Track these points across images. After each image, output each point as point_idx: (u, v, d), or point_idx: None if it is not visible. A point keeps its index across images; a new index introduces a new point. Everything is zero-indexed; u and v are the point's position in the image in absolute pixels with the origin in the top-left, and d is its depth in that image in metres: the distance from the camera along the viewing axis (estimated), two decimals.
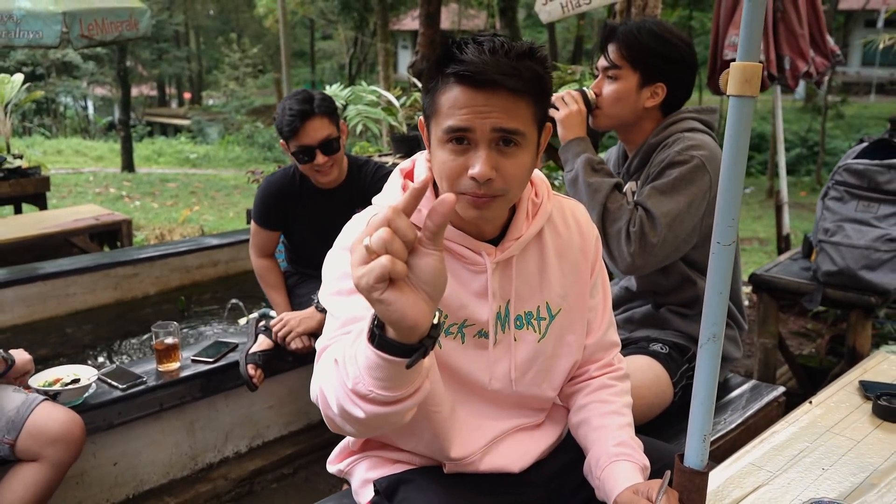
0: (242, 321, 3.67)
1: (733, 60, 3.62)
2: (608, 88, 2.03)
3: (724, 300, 1.23)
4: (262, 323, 2.71)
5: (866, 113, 20.68)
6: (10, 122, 6.18)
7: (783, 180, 4.59)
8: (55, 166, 15.02)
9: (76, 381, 2.35)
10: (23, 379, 2.29)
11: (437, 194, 1.39)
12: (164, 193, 12.25)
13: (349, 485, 1.67)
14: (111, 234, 5.29)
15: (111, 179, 13.93)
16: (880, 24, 18.79)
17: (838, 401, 1.78)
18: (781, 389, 2.24)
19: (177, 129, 25.12)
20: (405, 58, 28.40)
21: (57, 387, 2.31)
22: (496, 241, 1.40)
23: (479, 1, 20.62)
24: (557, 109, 2.08)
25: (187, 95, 30.74)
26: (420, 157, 1.48)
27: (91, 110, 28.18)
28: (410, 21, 23.73)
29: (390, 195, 1.43)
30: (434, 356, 1.37)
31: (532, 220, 1.43)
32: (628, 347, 2.08)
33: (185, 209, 9.95)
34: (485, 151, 1.22)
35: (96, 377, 2.41)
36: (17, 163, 5.84)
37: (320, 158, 2.62)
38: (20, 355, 2.25)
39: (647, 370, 1.97)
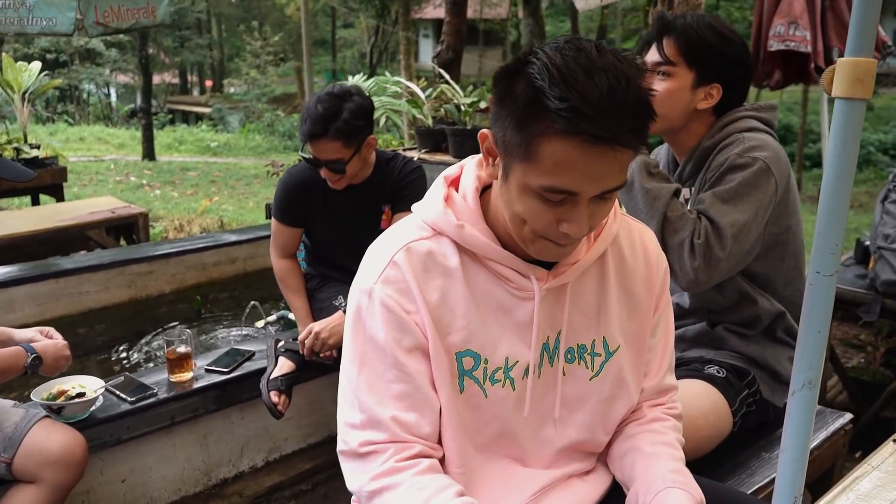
0: (260, 324, 3.52)
1: (778, 52, 3.39)
2: (659, 86, 1.81)
3: (823, 340, 1.04)
4: (282, 345, 2.54)
5: (895, 105, 20.21)
6: (27, 111, 6.06)
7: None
8: (77, 154, 15.02)
9: (82, 393, 2.20)
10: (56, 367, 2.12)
11: (490, 226, 1.22)
12: (185, 182, 12.17)
13: None
14: (127, 227, 5.17)
15: (132, 167, 13.87)
16: None
17: None
18: (848, 416, 2.04)
19: (198, 117, 25.10)
20: (426, 46, 28.17)
21: (61, 400, 2.16)
22: (549, 262, 1.21)
23: None
24: None
25: (209, 83, 30.71)
26: (469, 166, 1.28)
27: (114, 98, 28.26)
28: (432, 9, 23.49)
29: (430, 208, 1.24)
30: (471, 403, 1.22)
31: (594, 242, 1.24)
32: (680, 369, 1.87)
33: (205, 199, 9.84)
34: (585, 210, 1.07)
35: (103, 389, 2.26)
36: (34, 153, 5.74)
37: (325, 173, 2.51)
38: (55, 356, 2.09)
39: (703, 397, 1.78)
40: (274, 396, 2.40)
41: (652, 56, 1.84)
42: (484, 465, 1.26)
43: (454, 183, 1.28)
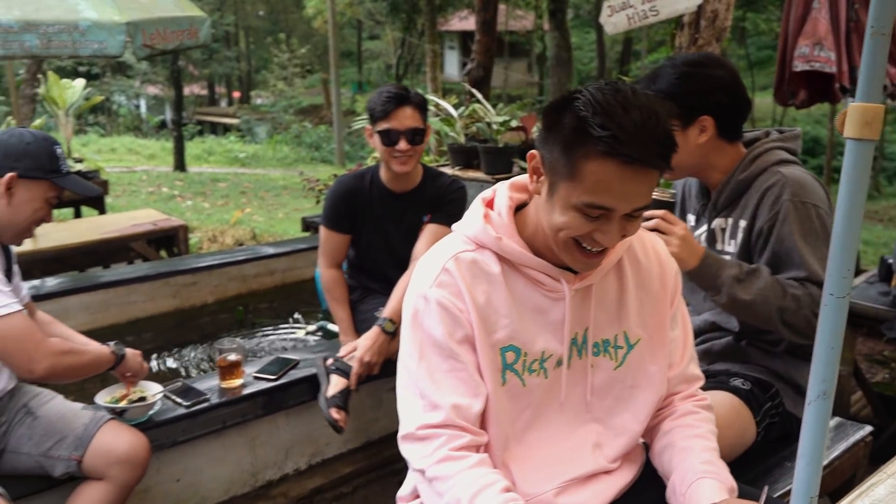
0: (301, 334, 3.67)
1: (803, 72, 3.47)
2: None
3: (836, 356, 1.16)
4: (330, 363, 2.66)
5: None
6: (71, 126, 6.29)
7: None
8: (109, 164, 15.32)
9: (143, 398, 2.35)
10: (132, 379, 2.32)
11: (524, 238, 1.39)
12: (215, 193, 12.40)
13: None
14: (168, 239, 5.35)
15: (164, 178, 14.15)
16: None
17: None
18: (868, 429, 2.14)
19: (226, 128, 25.46)
20: (452, 58, 28.37)
21: (123, 403, 2.31)
22: None
23: (527, 2, 20.50)
24: (662, 233, 1.81)
25: (236, 94, 31.16)
26: (502, 188, 1.47)
27: (143, 109, 28.74)
28: (458, 22, 23.70)
29: (471, 225, 1.43)
30: (511, 393, 1.39)
31: (613, 249, 1.41)
32: (706, 381, 1.98)
33: (237, 210, 10.05)
34: (618, 225, 1.26)
35: (162, 394, 2.41)
36: (78, 166, 5.94)
37: (403, 145, 2.64)
38: (133, 356, 2.28)
39: (728, 407, 1.89)
40: (335, 413, 2.53)
41: None
42: (520, 450, 1.42)
43: (489, 203, 1.46)
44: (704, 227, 2.07)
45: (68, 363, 2.05)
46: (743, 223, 1.95)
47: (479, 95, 4.65)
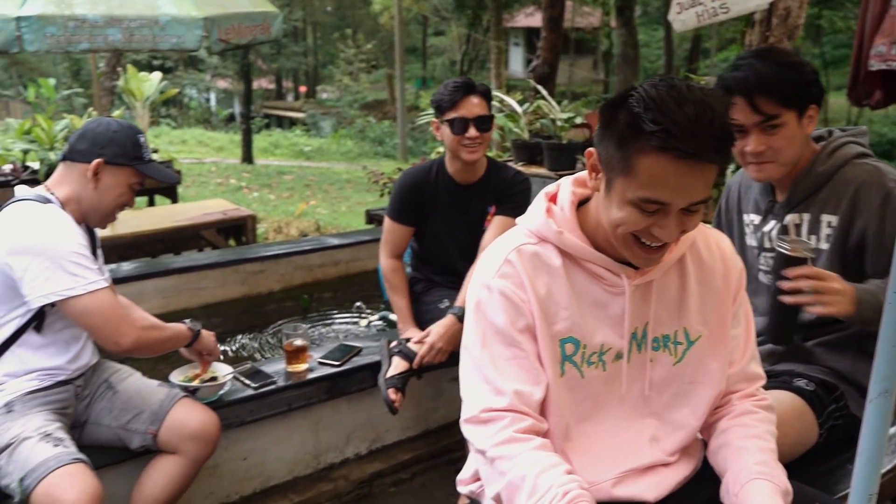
0: (363, 323, 3.76)
1: (879, 72, 3.36)
2: (777, 140, 1.84)
3: None
4: (393, 345, 2.74)
5: None
6: (147, 118, 6.53)
7: None
8: (180, 156, 15.80)
9: (214, 378, 2.45)
10: (208, 359, 2.43)
11: (586, 233, 1.41)
12: (281, 185, 12.67)
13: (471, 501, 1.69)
14: (237, 228, 5.52)
15: (231, 170, 14.53)
16: None
17: None
18: None
19: (292, 122, 25.95)
20: (516, 54, 28.30)
21: (196, 383, 2.42)
22: None
23: None
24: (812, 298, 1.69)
25: (303, 89, 31.69)
26: (566, 183, 1.49)
27: (213, 102, 29.47)
28: (524, 18, 23.63)
29: (534, 219, 1.45)
30: (570, 384, 1.41)
31: (675, 245, 1.43)
32: (770, 381, 1.95)
33: (302, 203, 10.26)
34: (675, 220, 1.27)
35: (231, 375, 2.52)
36: (154, 157, 6.16)
37: (472, 132, 2.69)
38: (208, 335, 2.39)
39: (790, 408, 1.87)
40: (392, 394, 2.59)
41: (747, 116, 1.82)
42: (579, 440, 1.45)
43: (552, 198, 1.49)
44: (773, 224, 2.03)
45: (152, 337, 2.16)
46: (828, 218, 1.91)
47: (543, 92, 4.66)
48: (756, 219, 2.10)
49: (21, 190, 2.14)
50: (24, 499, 1.84)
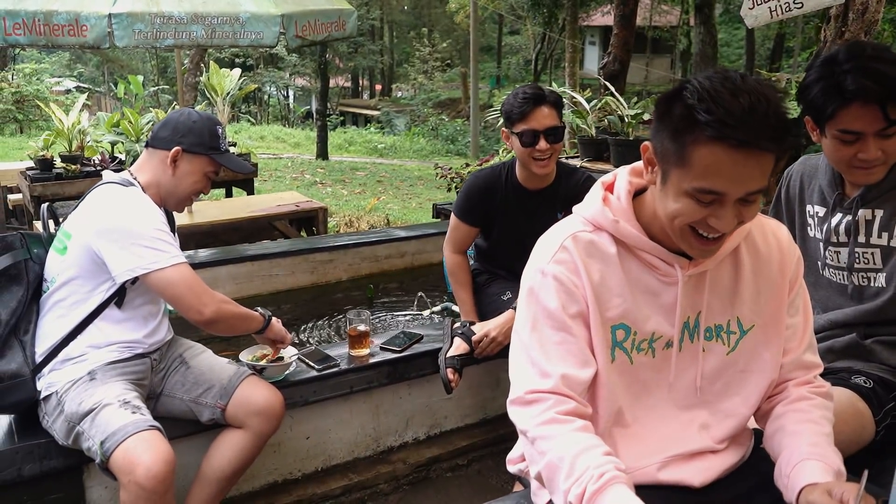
0: (426, 313, 3.83)
1: None
2: (891, 143, 1.78)
3: None
4: (457, 326, 2.80)
5: None
6: (227, 112, 6.77)
7: None
8: (258, 151, 16.27)
9: (280, 359, 2.56)
10: (279, 346, 2.52)
11: (642, 223, 1.43)
12: (353, 181, 12.92)
13: (524, 486, 1.73)
14: (308, 220, 5.69)
15: (307, 166, 14.89)
16: None
17: None
18: None
19: (367, 120, 26.38)
20: (592, 54, 28.02)
21: (263, 362, 2.53)
22: None
23: None
24: None
25: (378, 87, 32.14)
26: (622, 173, 1.50)
27: (291, 99, 30.18)
28: (600, 17, 23.38)
29: (590, 207, 1.48)
30: (620, 370, 1.44)
31: (730, 235, 1.42)
32: (827, 378, 1.93)
33: (373, 198, 10.45)
34: (732, 210, 1.27)
35: (297, 356, 2.62)
36: (232, 150, 6.39)
37: (543, 144, 2.66)
38: (278, 323, 2.49)
39: (846, 404, 1.85)
40: (450, 374, 2.65)
41: (873, 124, 1.74)
42: (627, 425, 1.47)
43: (609, 187, 1.50)
44: (841, 218, 1.99)
45: (230, 311, 2.28)
46: None
47: (611, 88, 4.65)
48: (821, 211, 2.06)
49: (107, 174, 2.29)
50: (104, 460, 1.98)
